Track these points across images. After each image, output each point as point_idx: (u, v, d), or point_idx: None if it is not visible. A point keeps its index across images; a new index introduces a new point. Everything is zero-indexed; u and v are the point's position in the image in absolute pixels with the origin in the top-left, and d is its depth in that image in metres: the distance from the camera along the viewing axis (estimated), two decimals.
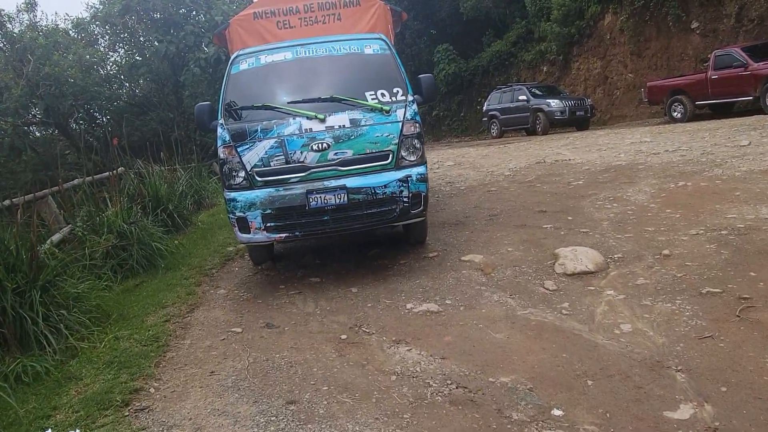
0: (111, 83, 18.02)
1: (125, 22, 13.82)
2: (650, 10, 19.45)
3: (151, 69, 14.98)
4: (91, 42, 16.88)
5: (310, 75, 5.01)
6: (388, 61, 5.04)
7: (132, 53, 16.47)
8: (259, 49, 5.20)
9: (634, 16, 20.30)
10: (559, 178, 8.28)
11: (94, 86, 15.35)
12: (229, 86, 4.95)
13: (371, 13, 6.22)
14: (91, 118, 19.53)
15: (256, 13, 6.22)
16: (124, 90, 17.56)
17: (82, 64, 13.43)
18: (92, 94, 15.98)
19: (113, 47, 16.15)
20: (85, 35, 17.37)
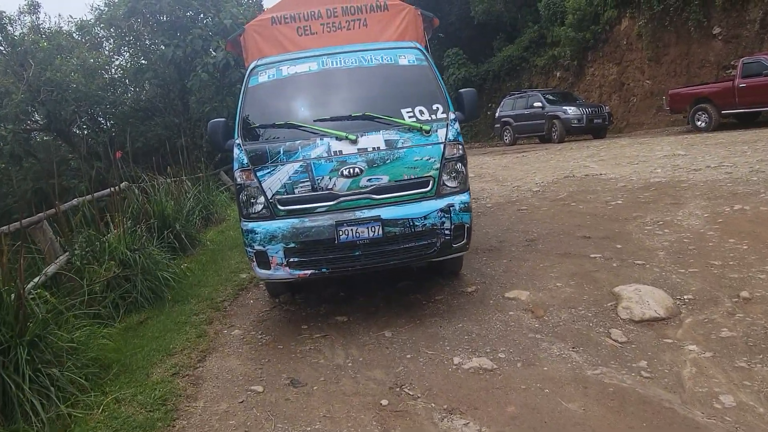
0: (116, 87, 17.49)
1: (130, 24, 13.29)
2: (670, 15, 18.87)
3: (156, 73, 14.44)
4: (95, 45, 16.36)
5: (338, 89, 4.44)
6: (425, 73, 4.47)
7: (138, 57, 15.94)
8: (280, 59, 4.64)
9: (653, 21, 19.71)
10: (595, 197, 7.70)
11: (97, 91, 14.82)
12: (246, 101, 4.39)
13: (400, 19, 5.65)
14: (95, 123, 19.03)
15: (274, 18, 5.66)
16: (129, 94, 17.03)
17: (86, 69, 12.89)
18: (96, 98, 15.45)
19: (118, 50, 15.61)
20: (89, 38, 16.85)
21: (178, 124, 16.56)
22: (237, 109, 4.38)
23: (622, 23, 21.43)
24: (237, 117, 4.33)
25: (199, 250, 7.24)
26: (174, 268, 5.68)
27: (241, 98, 4.42)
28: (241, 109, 4.35)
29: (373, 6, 5.66)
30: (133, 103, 18.10)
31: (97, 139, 18.18)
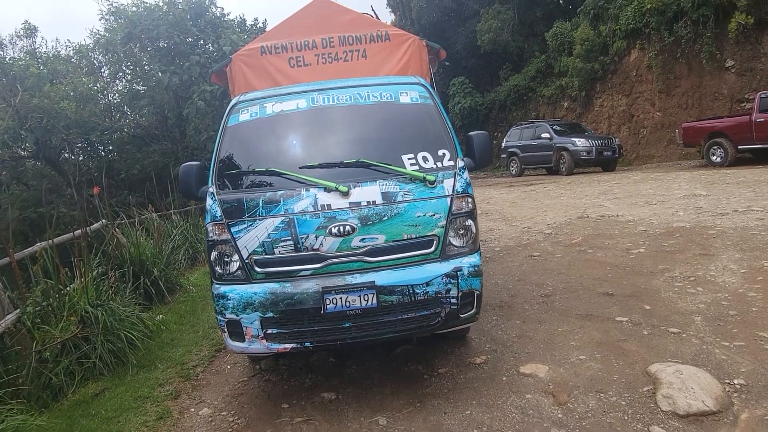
0: (113, 113, 17.10)
1: (128, 50, 12.90)
2: (681, 46, 18.50)
3: (153, 100, 14.02)
4: (93, 70, 16.02)
5: (329, 130, 3.87)
6: (430, 113, 3.89)
7: (136, 82, 15.57)
8: (264, 95, 4.08)
9: (663, 52, 19.35)
10: (613, 242, 7.06)
11: (92, 117, 14.38)
12: (224, 143, 3.82)
13: (403, 50, 5.12)
14: (92, 149, 18.60)
15: (263, 48, 5.14)
16: (125, 120, 16.62)
17: (79, 95, 12.46)
18: (91, 125, 15.01)
19: (115, 76, 15.24)
20: (87, 63, 16.53)
21: (175, 151, 16.10)
22: (213, 152, 3.80)
23: (631, 54, 21.08)
24: (212, 161, 3.75)
25: (179, 297, 6.60)
26: (144, 324, 5.03)
27: (218, 140, 3.84)
28: (218, 153, 3.77)
29: (374, 36, 5.13)
30: (131, 129, 17.68)
31: (93, 166, 17.74)
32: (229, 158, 3.76)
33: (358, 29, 5.13)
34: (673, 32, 18.56)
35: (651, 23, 19.19)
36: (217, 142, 3.82)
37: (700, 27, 17.78)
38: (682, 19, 18.27)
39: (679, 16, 18.40)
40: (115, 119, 16.77)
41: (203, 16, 13.65)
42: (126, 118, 17.21)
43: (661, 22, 18.87)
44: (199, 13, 13.62)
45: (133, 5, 13.18)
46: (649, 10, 18.99)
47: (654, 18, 18.99)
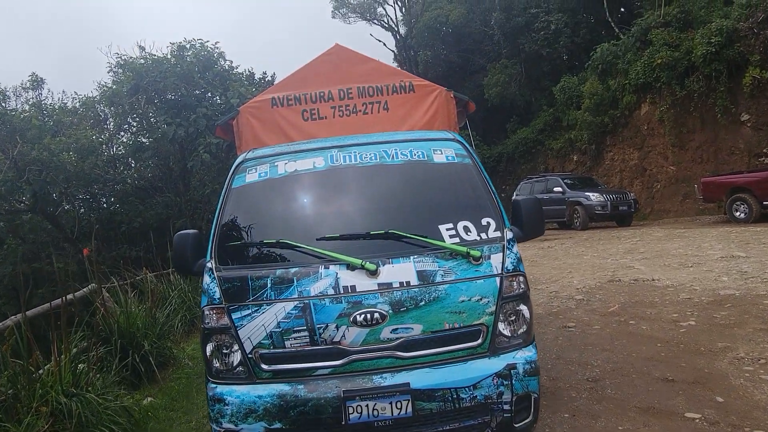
0: (117, 165, 16.77)
1: (133, 102, 12.61)
2: (694, 100, 18.24)
3: (157, 152, 13.65)
4: (99, 122, 15.78)
5: (352, 195, 3.30)
6: (470, 174, 3.33)
7: (142, 134, 15.29)
8: (276, 151, 3.54)
9: (675, 106, 19.10)
10: (656, 312, 6.35)
11: (95, 169, 14.00)
12: (227, 208, 3.24)
13: (429, 102, 4.62)
14: (95, 201, 18.21)
15: (274, 99, 4.64)
16: (129, 172, 16.27)
17: (81, 147, 12.08)
18: (93, 177, 14.62)
19: (119, 128, 14.97)
20: (93, 115, 16.33)
21: (178, 204, 15.64)
22: (214, 219, 3.21)
23: (641, 108, 20.89)
24: (213, 229, 3.15)
25: (173, 373, 5.87)
26: (129, 413, 4.30)
27: (220, 204, 3.26)
28: (219, 219, 3.18)
29: (396, 87, 4.64)
30: (134, 182, 17.31)
31: (94, 218, 17.27)
32: (232, 226, 3.17)
33: (379, 79, 4.65)
34: (684, 86, 18.37)
35: (662, 78, 19.04)
36: (219, 207, 3.24)
37: (713, 81, 17.57)
38: (693, 73, 18.12)
39: (690, 71, 18.26)
40: (118, 171, 16.39)
41: (212, 68, 13.46)
42: (130, 170, 16.85)
43: (671, 76, 18.72)
44: (207, 66, 13.44)
45: (141, 58, 13.01)
46: (659, 65, 18.89)
47: (664, 73, 18.85)
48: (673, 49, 18.75)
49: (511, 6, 25.38)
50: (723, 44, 16.97)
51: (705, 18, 18.79)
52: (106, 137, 16.04)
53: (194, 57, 13.01)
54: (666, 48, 18.88)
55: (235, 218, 3.20)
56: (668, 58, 18.47)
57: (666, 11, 19.42)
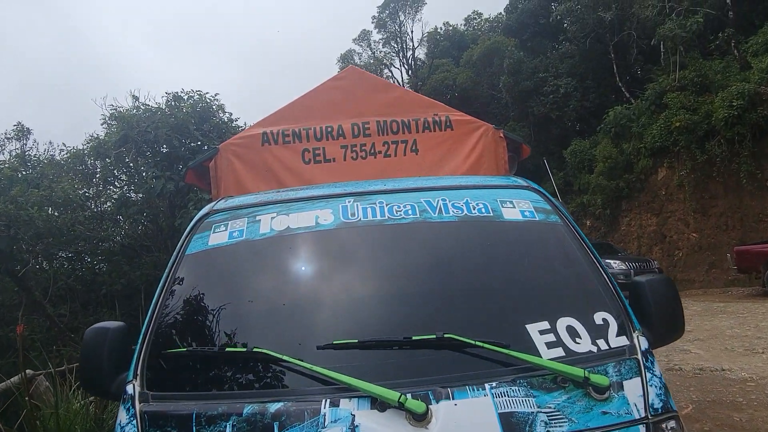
0: (104, 222, 15.62)
1: (120, 153, 11.61)
2: (716, 165, 17.34)
3: (142, 208, 12.54)
4: (86, 176, 14.78)
5: (377, 271, 2.05)
6: (563, 240, 2.12)
7: (130, 189, 14.22)
8: (260, 199, 2.35)
9: (696, 171, 18.20)
10: (747, 418, 4.95)
11: (76, 225, 12.83)
12: (174, 288, 2.00)
13: (472, 143, 3.47)
14: (78, 259, 16.94)
15: (266, 135, 3.50)
16: (113, 229, 15.10)
17: (59, 201, 10.97)
18: (77, 233, 13.44)
19: (105, 181, 13.94)
20: (83, 168, 15.35)
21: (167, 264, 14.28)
22: (150, 307, 1.96)
23: (659, 172, 20.00)
24: (144, 327, 1.89)
25: None
26: None
27: (163, 281, 2.03)
28: (156, 309, 1.93)
29: (429, 122, 3.51)
30: (122, 239, 16.11)
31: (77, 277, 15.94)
32: (177, 321, 1.91)
33: (406, 112, 3.53)
34: (705, 150, 17.54)
35: (680, 141, 18.25)
36: (161, 287, 2.00)
37: (736, 146, 16.75)
38: (714, 137, 17.32)
39: (711, 135, 17.48)
40: (104, 228, 15.21)
41: (209, 120, 12.56)
42: (118, 227, 15.68)
43: (691, 140, 17.94)
44: (204, 118, 12.55)
45: (134, 108, 12.14)
46: (677, 128, 18.14)
47: (683, 136, 18.08)
48: (692, 112, 18.08)
49: (519, 70, 25.11)
50: (745, 107, 16.27)
51: (722, 82, 18.24)
52: (94, 192, 15.00)
53: (191, 108, 12.13)
54: (684, 111, 18.21)
55: (184, 306, 1.95)
56: (687, 122, 17.74)
57: (681, 75, 18.90)
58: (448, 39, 33.19)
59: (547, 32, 27.70)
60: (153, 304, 1.97)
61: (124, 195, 13.57)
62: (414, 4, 33.41)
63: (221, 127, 12.55)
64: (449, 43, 32.80)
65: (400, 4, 33.31)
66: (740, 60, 18.74)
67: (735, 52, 19.05)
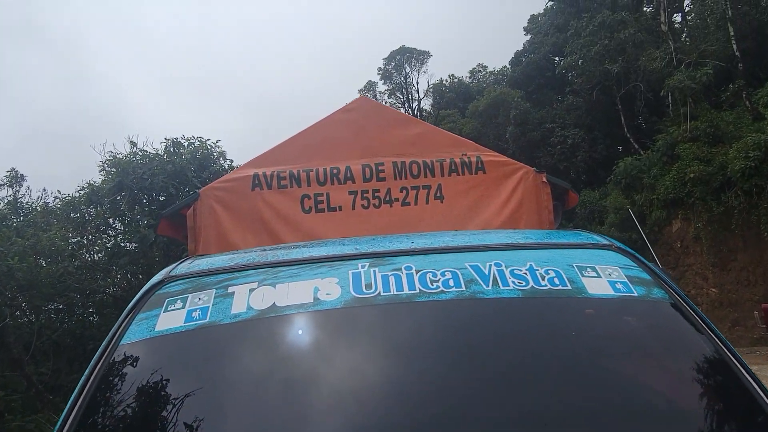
0: (95, 271, 14.93)
1: (115, 200, 11.06)
2: (734, 217, 16.70)
3: (137, 258, 11.88)
4: (79, 224, 14.20)
5: (412, 378, 1.33)
6: (679, 327, 1.40)
7: (124, 238, 13.60)
8: (236, 261, 1.68)
9: (713, 223, 17.54)
10: None
11: (66, 276, 12.16)
12: (96, 399, 1.29)
13: (509, 190, 2.84)
14: (69, 311, 16.17)
15: (258, 178, 2.87)
16: (108, 280, 14.38)
17: (46, 251, 10.35)
18: (67, 285, 12.77)
19: (99, 230, 13.34)
20: (77, 216, 14.80)
21: None
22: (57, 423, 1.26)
23: (673, 225, 19.36)
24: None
25: None
26: None
27: (84, 382, 1.33)
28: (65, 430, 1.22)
29: (455, 164, 2.89)
30: (114, 291, 15.35)
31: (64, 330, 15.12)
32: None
33: (429, 151, 2.91)
34: (721, 202, 16.96)
35: (695, 192, 17.70)
36: (75, 393, 1.32)
37: (754, 197, 16.16)
38: (731, 189, 16.77)
39: (727, 186, 16.95)
40: (96, 279, 14.50)
41: (209, 168, 12.08)
42: (110, 278, 14.97)
43: (706, 191, 17.40)
44: (204, 165, 12.08)
45: (131, 153, 11.69)
46: (691, 179, 17.63)
47: (697, 187, 17.55)
48: (705, 163, 17.63)
49: (526, 121, 24.96)
50: (762, 158, 15.80)
51: (735, 133, 17.91)
52: (87, 240, 14.40)
53: (190, 154, 11.68)
54: (697, 162, 17.76)
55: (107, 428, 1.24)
56: (701, 173, 17.25)
57: (693, 125, 18.57)
58: (453, 90, 33.37)
59: (553, 84, 27.78)
60: (60, 421, 1.27)
61: (117, 244, 12.99)
62: (419, 56, 33.82)
63: (221, 174, 12.08)
64: (455, 95, 32.94)
65: (406, 56, 33.73)
66: (752, 111, 18.45)
67: (747, 103, 18.79)
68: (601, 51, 22.25)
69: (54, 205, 14.27)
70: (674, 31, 23.03)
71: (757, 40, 21.34)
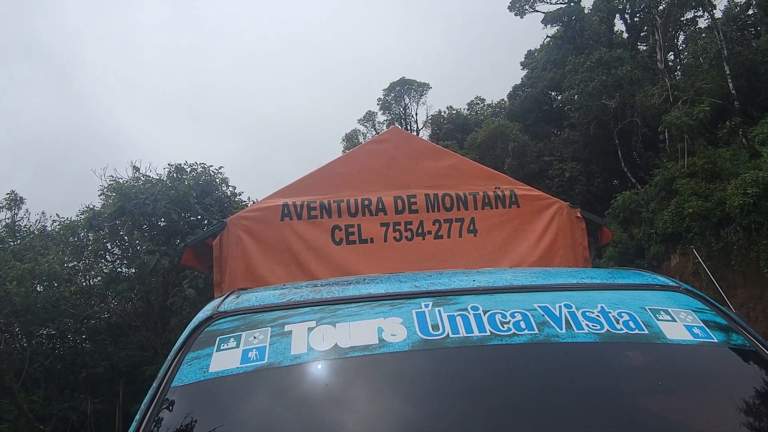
0: (90, 297, 14.71)
1: (115, 225, 10.95)
2: (733, 253, 16.72)
3: (140, 283, 11.72)
4: (77, 248, 14.04)
5: (489, 427, 1.24)
6: (765, 375, 1.33)
7: (122, 263, 13.44)
8: (284, 296, 1.59)
9: (712, 259, 17.53)
10: None
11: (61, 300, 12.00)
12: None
13: (544, 225, 2.80)
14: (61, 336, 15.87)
15: (287, 207, 2.82)
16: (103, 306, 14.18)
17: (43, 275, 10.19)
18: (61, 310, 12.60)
19: (97, 255, 13.19)
20: (75, 240, 14.66)
21: (155, 346, 13.31)
22: None
23: (672, 259, 19.34)
24: None
25: None
26: None
27: (136, 427, 1.23)
28: None
29: (489, 197, 2.85)
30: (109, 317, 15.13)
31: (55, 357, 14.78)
32: None
33: (462, 184, 2.88)
34: (721, 238, 16.99)
35: (693, 228, 17.75)
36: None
37: (753, 233, 16.21)
38: (729, 225, 16.84)
39: (725, 222, 17.02)
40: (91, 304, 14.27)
41: (211, 194, 12.03)
42: (105, 304, 14.74)
43: (705, 227, 17.45)
44: (207, 191, 12.03)
45: (133, 179, 11.63)
46: (689, 214, 17.70)
47: (696, 223, 17.60)
48: (703, 199, 17.73)
49: (524, 153, 25.17)
50: (760, 195, 15.90)
51: (732, 169, 18.10)
52: (84, 265, 14.19)
53: (193, 180, 11.63)
54: (695, 198, 17.87)
55: None
56: (700, 208, 17.34)
57: (690, 161, 18.77)
58: (451, 122, 33.73)
59: (550, 118, 28.14)
60: None
61: (115, 270, 12.79)
62: (419, 88, 34.28)
63: (224, 201, 12.03)
64: (453, 126, 33.28)
65: (406, 88, 34.17)
66: (748, 148, 18.70)
67: (743, 140, 19.06)
68: (598, 86, 22.61)
69: (52, 228, 14.13)
70: (670, 69, 23.52)
71: (751, 79, 21.81)
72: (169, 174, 11.76)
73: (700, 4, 22.88)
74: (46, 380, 13.90)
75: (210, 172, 12.24)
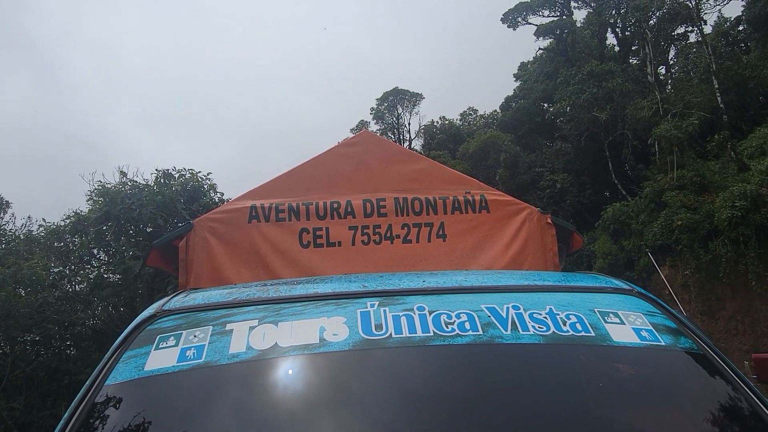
0: (75, 303, 14.55)
1: (101, 230, 10.86)
2: (722, 266, 16.78)
3: (120, 290, 11.59)
4: (63, 253, 13.89)
5: (428, 426, 1.23)
6: (712, 382, 1.31)
7: (108, 269, 13.31)
8: (230, 296, 1.56)
9: (700, 271, 17.61)
10: None
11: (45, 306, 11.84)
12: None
13: (513, 230, 2.78)
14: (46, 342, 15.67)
15: (255, 210, 2.79)
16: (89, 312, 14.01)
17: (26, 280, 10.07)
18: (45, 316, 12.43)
19: (83, 260, 13.07)
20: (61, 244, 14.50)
21: None
22: None
23: (661, 271, 19.38)
24: None
25: None
26: None
27: (63, 425, 1.19)
28: None
29: (459, 202, 2.83)
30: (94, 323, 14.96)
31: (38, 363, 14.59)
32: None
33: (432, 188, 2.86)
34: (709, 250, 17.07)
35: (682, 240, 17.83)
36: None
37: (741, 246, 16.30)
38: (718, 237, 16.92)
39: (714, 235, 17.11)
40: (75, 310, 14.11)
41: (199, 200, 11.97)
42: (90, 310, 14.57)
43: (693, 239, 17.53)
44: (194, 197, 11.97)
45: (121, 184, 11.56)
46: (679, 226, 17.79)
47: (685, 235, 17.69)
48: (692, 211, 17.84)
49: (516, 164, 25.28)
50: (748, 208, 16.01)
51: (721, 182, 18.22)
52: (69, 270, 14.05)
53: (180, 186, 11.56)
54: (684, 210, 17.97)
55: None
56: (689, 220, 17.43)
57: (679, 174, 18.90)
58: (444, 132, 33.87)
59: (542, 129, 28.30)
60: None
61: (100, 275, 12.67)
62: (412, 98, 34.44)
63: (211, 207, 11.95)
64: (445, 136, 33.42)
65: (399, 98, 34.32)
66: (737, 161, 18.85)
67: (732, 153, 19.22)
68: (589, 99, 22.79)
69: (38, 233, 14.00)
70: (660, 82, 23.75)
71: (740, 93, 22.04)
72: (157, 179, 11.71)
73: (690, 19, 23.15)
74: (27, 387, 13.70)
75: (198, 178, 12.19)
